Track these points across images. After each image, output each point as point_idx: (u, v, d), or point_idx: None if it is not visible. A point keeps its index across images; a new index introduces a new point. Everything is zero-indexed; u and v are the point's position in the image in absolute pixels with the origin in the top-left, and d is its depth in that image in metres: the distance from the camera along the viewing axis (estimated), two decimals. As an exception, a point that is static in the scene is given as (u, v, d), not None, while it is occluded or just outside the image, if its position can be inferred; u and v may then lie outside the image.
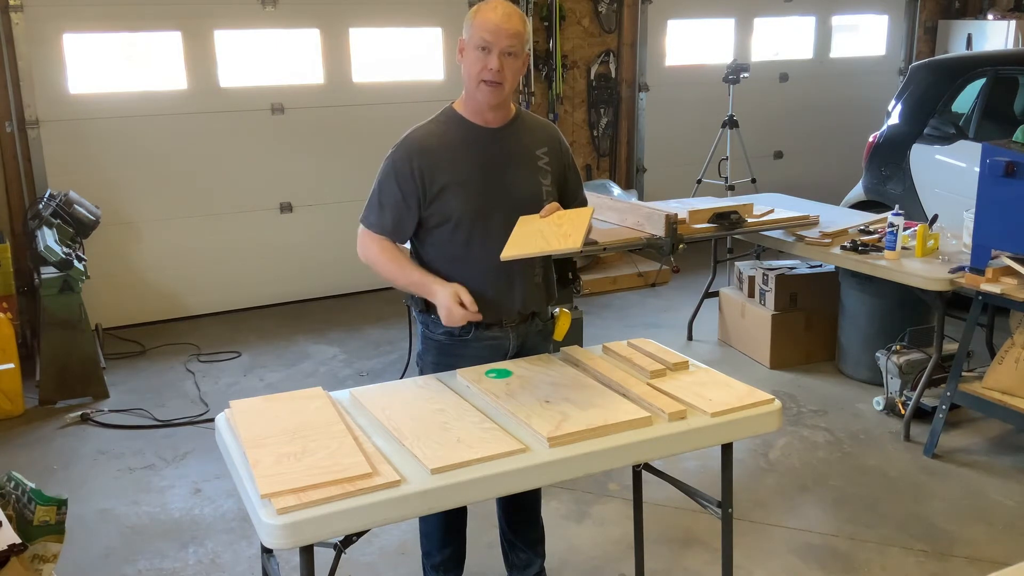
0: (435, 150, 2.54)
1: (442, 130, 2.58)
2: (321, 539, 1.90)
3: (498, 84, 2.47)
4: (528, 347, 2.73)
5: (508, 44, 2.45)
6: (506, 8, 2.49)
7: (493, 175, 2.57)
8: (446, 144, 2.55)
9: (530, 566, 2.95)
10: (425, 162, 2.52)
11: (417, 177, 2.52)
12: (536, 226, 2.47)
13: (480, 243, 2.56)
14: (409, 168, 2.52)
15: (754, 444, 4.13)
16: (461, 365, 2.58)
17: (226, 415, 2.31)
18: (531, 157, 2.63)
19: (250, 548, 3.37)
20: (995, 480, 3.83)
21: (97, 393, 4.74)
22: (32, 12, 5.31)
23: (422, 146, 2.54)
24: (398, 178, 2.54)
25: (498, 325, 2.64)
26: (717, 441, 2.36)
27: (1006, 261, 3.75)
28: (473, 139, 2.57)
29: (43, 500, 2.52)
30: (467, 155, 2.55)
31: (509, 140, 2.61)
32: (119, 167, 5.69)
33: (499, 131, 2.59)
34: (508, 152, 2.60)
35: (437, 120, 2.61)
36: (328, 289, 6.40)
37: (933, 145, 5.64)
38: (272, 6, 5.92)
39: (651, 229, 4.28)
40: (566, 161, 2.73)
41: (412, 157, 2.53)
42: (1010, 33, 7.84)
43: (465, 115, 2.58)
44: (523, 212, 2.54)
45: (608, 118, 7.26)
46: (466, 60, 2.51)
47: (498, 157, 2.58)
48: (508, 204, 2.56)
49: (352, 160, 6.26)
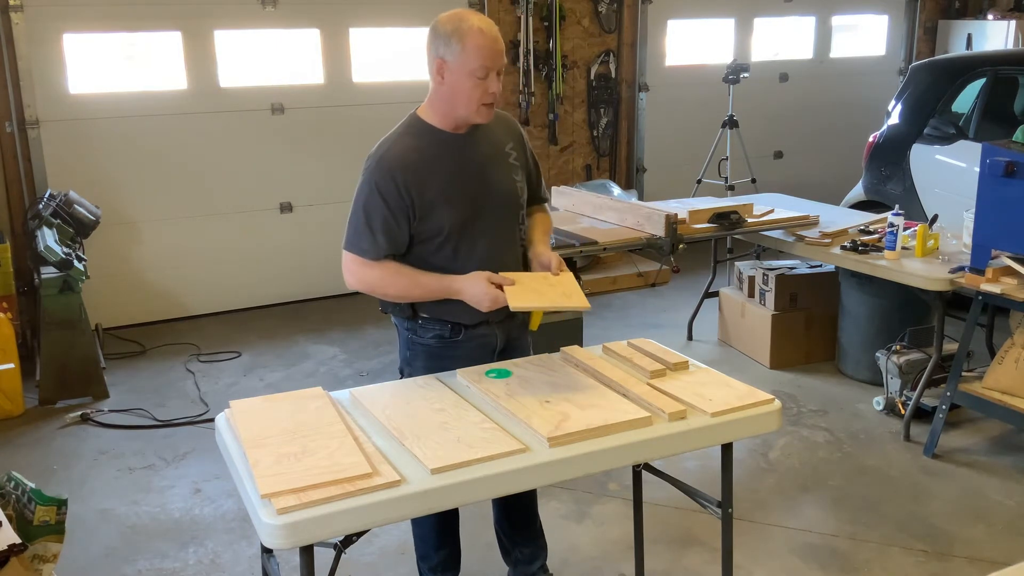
0: (417, 165, 2.48)
1: (417, 143, 2.51)
2: (321, 539, 1.90)
3: (494, 102, 2.49)
4: (511, 340, 2.74)
5: (502, 62, 2.47)
6: (490, 26, 2.45)
7: (474, 182, 2.54)
8: (426, 158, 2.49)
9: (535, 560, 2.95)
10: (410, 178, 2.46)
11: (404, 194, 2.45)
12: (532, 284, 2.51)
13: (468, 250, 2.55)
14: (395, 186, 2.45)
15: (754, 444, 4.13)
16: (453, 367, 2.56)
17: (226, 415, 2.31)
18: (502, 155, 2.63)
19: (250, 548, 3.37)
20: (995, 480, 3.83)
21: (97, 393, 4.74)
22: (32, 12, 5.31)
23: (403, 162, 2.47)
24: (385, 198, 2.46)
25: (485, 323, 2.64)
26: (717, 441, 2.36)
27: (1006, 261, 3.75)
28: (449, 149, 2.53)
29: (43, 500, 2.52)
30: (448, 167, 2.52)
31: (480, 143, 2.58)
32: (119, 167, 5.69)
33: (468, 135, 2.56)
34: (482, 155, 2.58)
35: (408, 132, 2.54)
36: (328, 289, 6.40)
37: (933, 145, 5.64)
38: (272, 6, 5.92)
39: (651, 229, 4.28)
40: (528, 153, 2.74)
41: (395, 174, 2.45)
42: (1010, 33, 7.84)
43: (435, 124, 2.54)
44: (504, 212, 2.60)
45: (608, 118, 7.26)
46: (457, 84, 2.43)
47: (474, 162, 2.56)
48: (490, 207, 2.57)
49: (352, 160, 6.17)
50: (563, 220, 4.61)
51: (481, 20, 2.44)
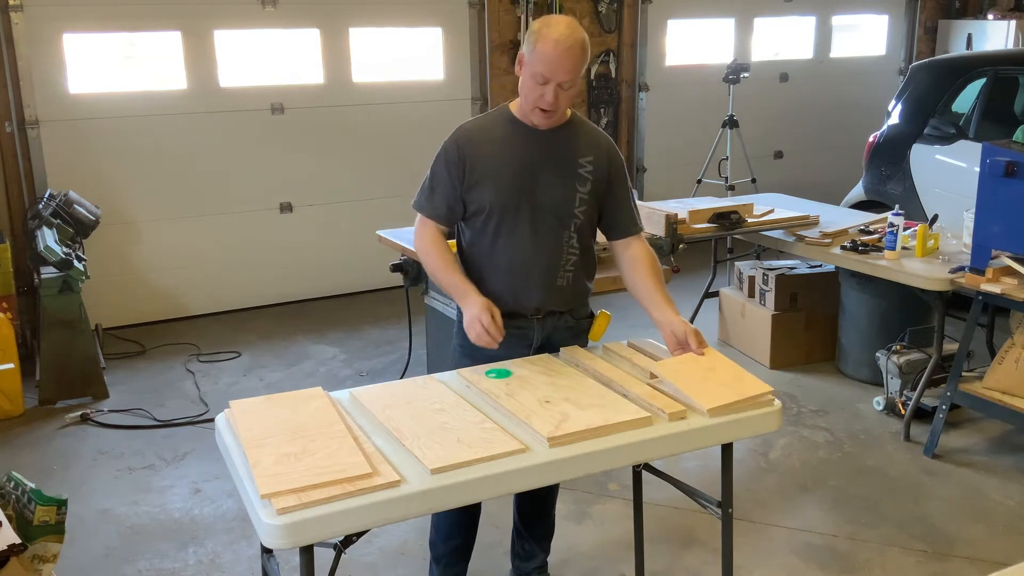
0: (479, 142, 2.63)
1: (490, 124, 2.68)
2: (321, 539, 1.90)
3: (552, 112, 2.54)
4: (554, 341, 2.72)
5: (565, 79, 2.48)
6: (568, 40, 2.45)
7: (526, 174, 2.61)
8: (490, 138, 2.63)
9: (533, 558, 3.01)
10: (469, 151, 2.62)
11: (461, 163, 2.61)
12: (689, 371, 2.44)
13: (506, 238, 2.63)
14: (457, 154, 2.62)
15: (754, 444, 4.13)
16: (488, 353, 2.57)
17: (226, 415, 2.31)
18: (571, 163, 2.64)
19: (250, 548, 3.37)
20: (995, 480, 3.83)
21: (97, 393, 4.74)
22: (32, 12, 5.31)
23: (469, 136, 2.64)
24: (447, 163, 2.63)
25: (523, 316, 2.67)
26: (717, 441, 2.35)
27: (1006, 261, 3.75)
28: (516, 137, 2.62)
29: (43, 500, 2.52)
30: (506, 151, 2.61)
31: (552, 143, 2.63)
32: (119, 167, 5.69)
33: (545, 133, 2.63)
34: (547, 154, 2.63)
35: (491, 115, 2.73)
36: (328, 289, 6.40)
37: (933, 145, 5.64)
38: (272, 6, 5.92)
39: (651, 229, 4.28)
40: (614, 174, 2.70)
41: (460, 145, 2.62)
42: (1010, 33, 7.84)
43: (516, 113, 2.65)
44: (551, 214, 2.62)
45: (608, 118, 7.26)
46: (524, 79, 2.55)
47: (536, 157, 2.62)
48: (536, 204, 2.62)
49: (352, 160, 6.26)
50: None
51: (562, 32, 2.45)
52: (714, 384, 2.37)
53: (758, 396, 2.35)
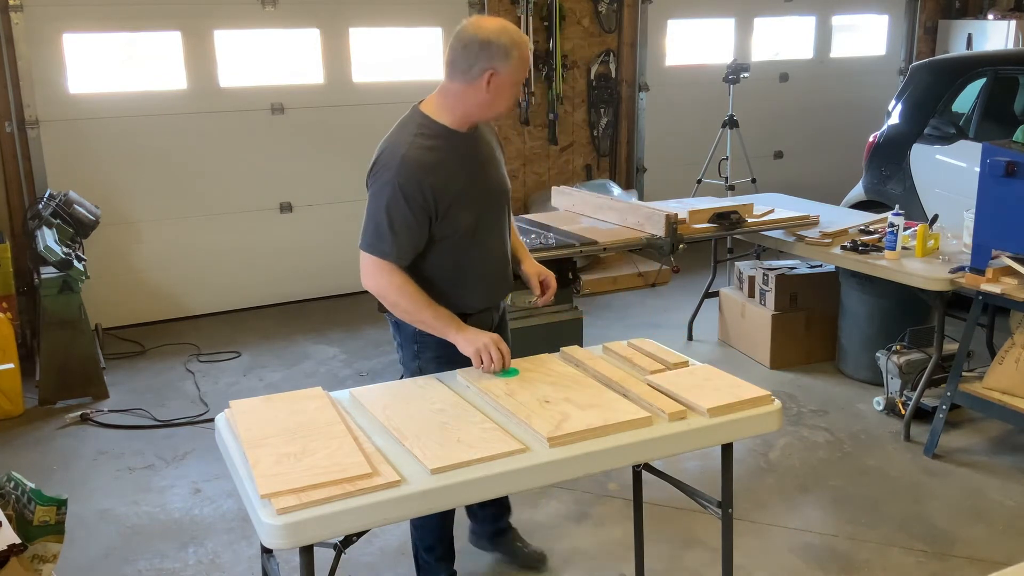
0: (436, 167, 2.53)
1: (432, 145, 2.56)
2: (321, 539, 1.91)
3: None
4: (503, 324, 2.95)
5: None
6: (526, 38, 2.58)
7: (480, 179, 2.66)
8: (443, 160, 2.56)
9: (500, 519, 3.19)
10: (433, 180, 2.51)
11: (428, 196, 2.51)
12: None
13: (480, 245, 2.68)
14: (419, 188, 2.50)
15: (754, 444, 4.13)
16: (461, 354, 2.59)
17: (226, 415, 2.32)
18: (495, 152, 2.77)
19: (250, 548, 3.37)
20: (995, 480, 3.83)
21: (97, 393, 4.74)
22: (32, 12, 5.31)
23: (423, 164, 2.51)
24: (408, 200, 2.50)
25: (489, 309, 2.82)
26: (717, 441, 2.36)
27: (1006, 261, 3.75)
28: (461, 149, 2.63)
29: (43, 500, 2.52)
30: (461, 166, 2.61)
31: (479, 141, 2.70)
32: (119, 167, 5.68)
33: (471, 134, 2.66)
34: (483, 153, 2.71)
35: (422, 133, 2.57)
36: (328, 289, 6.40)
37: (933, 145, 5.64)
38: (272, 6, 5.92)
39: (651, 229, 4.28)
40: (503, 149, 2.89)
41: (419, 177, 2.50)
42: (1010, 33, 7.84)
43: (447, 123, 2.59)
44: (503, 208, 2.74)
45: (608, 118, 7.26)
46: (501, 92, 2.52)
47: (478, 159, 2.68)
48: (494, 203, 2.72)
49: (352, 160, 6.23)
50: (563, 220, 4.61)
51: (518, 31, 2.56)
52: (711, 390, 2.39)
53: (757, 397, 2.35)
